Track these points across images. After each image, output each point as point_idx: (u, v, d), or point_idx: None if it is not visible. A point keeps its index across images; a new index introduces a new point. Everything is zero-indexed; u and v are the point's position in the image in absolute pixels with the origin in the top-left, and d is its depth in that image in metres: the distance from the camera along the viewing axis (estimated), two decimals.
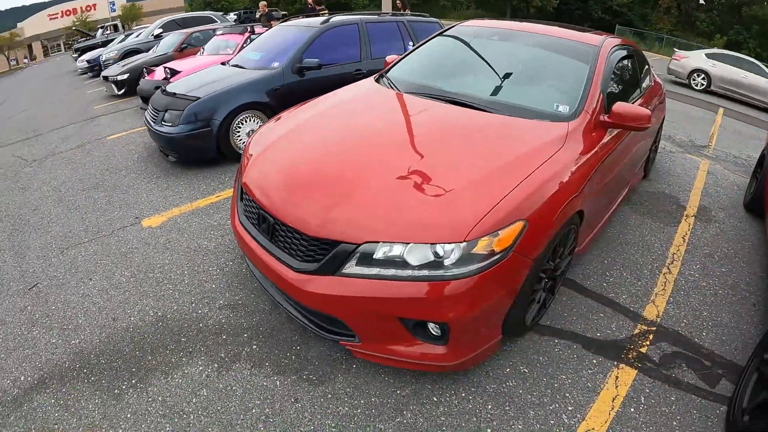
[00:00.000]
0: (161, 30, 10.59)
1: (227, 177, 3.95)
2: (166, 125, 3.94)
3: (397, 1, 8.99)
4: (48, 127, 6.68)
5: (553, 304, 2.34)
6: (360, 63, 4.62)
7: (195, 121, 3.86)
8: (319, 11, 7.89)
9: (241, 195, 2.15)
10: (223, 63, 4.90)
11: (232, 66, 4.65)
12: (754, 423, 1.65)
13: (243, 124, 4.09)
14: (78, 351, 2.08)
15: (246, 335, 2.11)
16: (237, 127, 4.06)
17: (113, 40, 13.65)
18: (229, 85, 4.05)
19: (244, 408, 1.75)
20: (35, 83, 14.76)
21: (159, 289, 2.49)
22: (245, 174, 2.12)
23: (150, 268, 2.69)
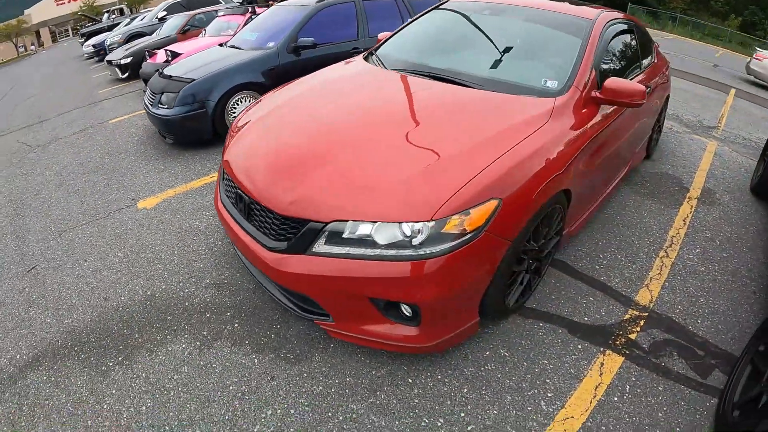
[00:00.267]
0: (165, 12, 10.53)
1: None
2: (162, 108, 3.95)
3: None
4: (53, 113, 6.77)
5: (541, 286, 2.28)
6: (357, 41, 4.52)
7: (190, 103, 3.85)
8: None
9: (223, 175, 2.14)
10: (221, 44, 4.85)
11: (229, 47, 4.60)
12: (744, 419, 1.52)
13: (239, 104, 4.06)
14: (70, 330, 2.14)
15: (229, 314, 2.13)
16: (233, 108, 4.04)
17: (119, 24, 13.65)
18: (225, 66, 4.01)
19: (222, 385, 1.78)
20: (43, 69, 14.94)
21: (150, 269, 2.53)
22: (225, 153, 2.11)
23: (142, 249, 2.72)
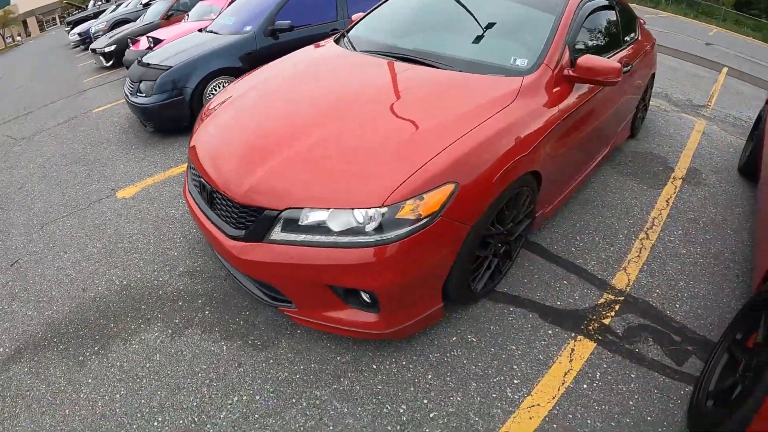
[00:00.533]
0: None
1: None
2: (140, 96, 3.90)
3: None
4: (39, 103, 6.68)
5: (513, 270, 2.26)
6: (336, 22, 4.42)
7: (169, 90, 3.80)
8: None
9: (189, 163, 2.12)
10: (200, 30, 4.75)
11: (208, 32, 4.51)
12: (717, 409, 1.46)
13: (216, 90, 4.00)
14: (50, 322, 2.15)
15: (200, 301, 2.14)
16: (210, 94, 3.98)
17: (105, 11, 13.36)
18: (201, 52, 3.95)
19: (191, 372, 1.80)
20: (30, 60, 14.68)
21: (126, 258, 2.53)
22: (191, 141, 2.08)
23: (120, 239, 2.72)
